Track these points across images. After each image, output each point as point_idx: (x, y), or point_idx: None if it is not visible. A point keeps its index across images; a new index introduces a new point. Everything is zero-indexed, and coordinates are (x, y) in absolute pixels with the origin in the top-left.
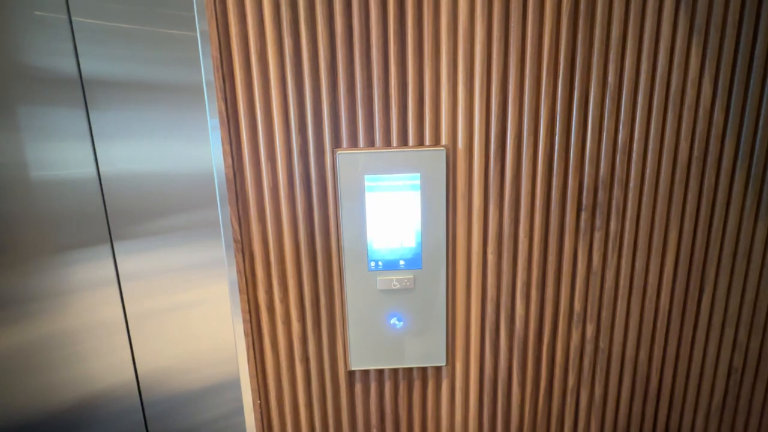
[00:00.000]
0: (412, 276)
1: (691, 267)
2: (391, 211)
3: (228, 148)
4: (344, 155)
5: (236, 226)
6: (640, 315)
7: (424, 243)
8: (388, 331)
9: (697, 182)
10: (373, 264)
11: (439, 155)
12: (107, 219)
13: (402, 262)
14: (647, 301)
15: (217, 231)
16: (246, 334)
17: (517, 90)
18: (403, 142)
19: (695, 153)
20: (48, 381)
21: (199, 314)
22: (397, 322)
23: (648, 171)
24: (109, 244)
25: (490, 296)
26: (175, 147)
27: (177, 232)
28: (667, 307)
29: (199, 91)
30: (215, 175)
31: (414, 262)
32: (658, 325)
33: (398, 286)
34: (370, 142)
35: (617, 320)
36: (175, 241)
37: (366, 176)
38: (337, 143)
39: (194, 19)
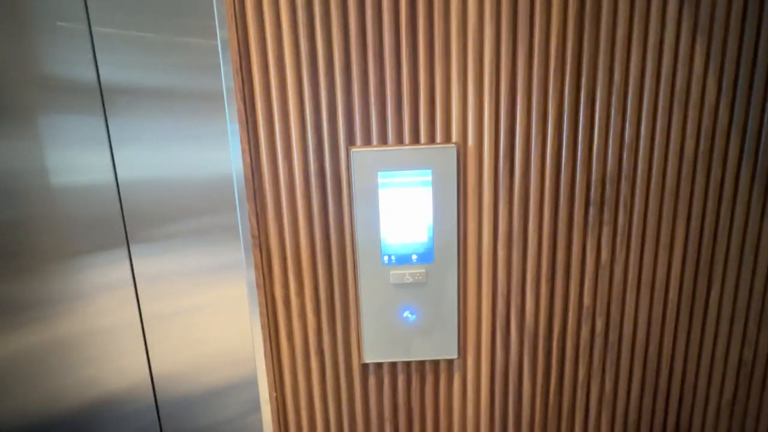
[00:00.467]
0: (424, 270)
1: (699, 260)
2: (404, 206)
3: (246, 147)
4: (358, 152)
5: (254, 223)
6: (649, 309)
7: (435, 238)
8: (401, 324)
9: (703, 177)
10: (386, 258)
11: (450, 152)
12: (124, 223)
13: (414, 257)
14: (656, 295)
15: (232, 235)
16: (263, 327)
17: (525, 89)
18: (415, 139)
19: (701, 149)
20: (64, 383)
21: (214, 316)
22: (409, 316)
23: (654, 166)
24: (125, 248)
25: (500, 290)
26: (192, 152)
27: (193, 235)
28: (675, 301)
29: (216, 96)
30: (234, 174)
31: (426, 257)
32: (668, 318)
33: (411, 280)
34: (383, 140)
35: (626, 314)
36: (190, 245)
37: (379, 173)
38: (351, 141)
39: (214, 27)
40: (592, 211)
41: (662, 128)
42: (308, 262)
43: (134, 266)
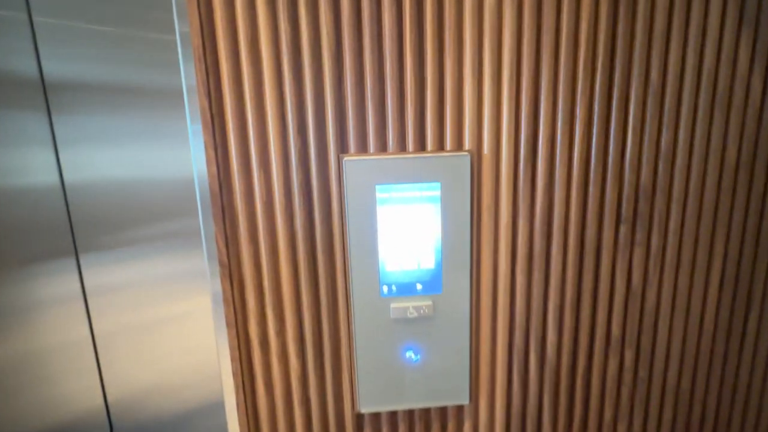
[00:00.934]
0: (430, 302)
1: (737, 284)
2: (407, 226)
3: (212, 154)
4: (352, 162)
5: (223, 248)
6: (682, 339)
7: (444, 263)
8: (403, 366)
9: (744, 190)
10: (385, 289)
11: (463, 161)
12: (72, 230)
13: (419, 286)
14: (690, 323)
15: (194, 241)
16: (235, 375)
17: (550, 87)
18: (421, 146)
19: (743, 158)
20: (4, 409)
21: (176, 332)
22: (413, 356)
23: (693, 178)
24: (74, 257)
25: (518, 322)
26: (149, 152)
27: (150, 242)
28: (711, 330)
29: (176, 93)
30: (197, 187)
31: (433, 286)
32: (702, 348)
33: (415, 314)
34: (382, 147)
35: (658, 346)
36: (147, 253)
37: (377, 186)
38: (343, 148)
39: (172, 19)
40: (623, 229)
41: (702, 135)
42: (291, 294)
43: (84, 277)
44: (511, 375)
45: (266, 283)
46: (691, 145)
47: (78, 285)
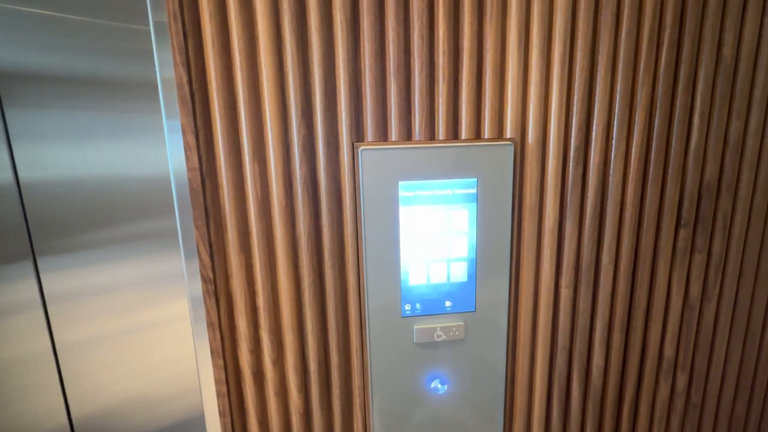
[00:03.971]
0: (461, 322)
1: None
2: (435, 232)
3: (193, 140)
4: (369, 152)
5: (206, 259)
6: (740, 359)
7: (479, 276)
8: (427, 398)
9: None
10: (408, 307)
11: (504, 153)
12: (28, 232)
13: (448, 303)
14: (749, 341)
15: (167, 241)
16: (222, 414)
17: (608, 63)
18: (454, 134)
19: None
20: None
21: (148, 341)
22: (439, 386)
23: (762, 174)
24: (31, 261)
25: (561, 343)
26: (116, 147)
27: (117, 244)
28: None
29: (149, 82)
30: (173, 183)
31: (464, 303)
32: (760, 370)
33: (443, 336)
34: (407, 134)
35: (713, 367)
36: (115, 256)
37: (401, 183)
38: (358, 135)
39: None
40: (682, 233)
41: None
42: (291, 315)
43: (43, 283)
44: (551, 404)
45: (261, 302)
46: (763, 135)
47: (36, 291)
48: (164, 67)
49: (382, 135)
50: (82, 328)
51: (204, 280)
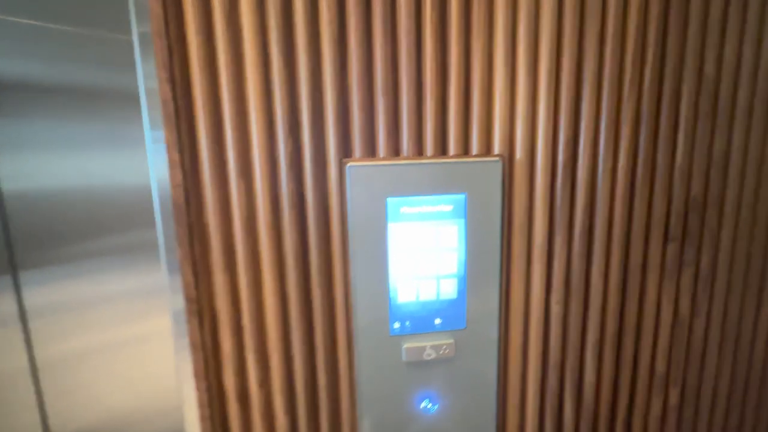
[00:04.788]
0: (452, 339)
1: None
2: (424, 248)
3: (177, 157)
4: (357, 168)
5: (190, 279)
6: (731, 372)
7: (469, 292)
8: (418, 419)
9: None
10: (397, 325)
11: (492, 169)
12: (10, 244)
13: (438, 321)
14: (740, 354)
15: (152, 255)
16: None
17: (594, 80)
18: (442, 150)
19: None
20: None
21: (131, 358)
22: (429, 406)
23: (746, 189)
24: (11, 275)
25: (552, 360)
26: (101, 158)
27: (104, 256)
28: (762, 359)
29: (131, 93)
30: (156, 199)
31: (455, 320)
32: (751, 382)
33: (433, 354)
34: (395, 150)
35: (705, 381)
36: (99, 269)
37: (389, 199)
38: (346, 151)
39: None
40: (671, 249)
41: (757, 140)
42: (278, 336)
43: (23, 298)
44: (543, 422)
45: (246, 322)
46: (746, 151)
47: (15, 306)
48: (148, 78)
49: (370, 151)
50: (63, 343)
51: (187, 299)
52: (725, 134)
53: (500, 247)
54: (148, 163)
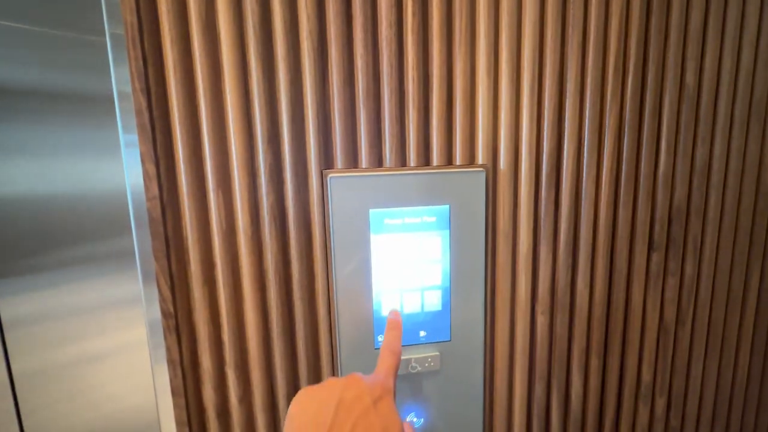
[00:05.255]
0: (437, 352)
1: None
2: (408, 260)
3: (152, 169)
4: (339, 180)
5: (167, 293)
6: (716, 381)
7: (453, 304)
8: None
9: None
10: (381, 338)
11: (476, 179)
12: None
13: (422, 333)
14: (724, 363)
15: (131, 263)
16: None
17: (576, 90)
18: (425, 160)
19: None
20: None
21: (111, 369)
22: (415, 420)
23: (728, 197)
24: None
25: (539, 371)
26: (75, 165)
27: (81, 265)
28: (746, 369)
29: (105, 86)
30: (131, 208)
31: (439, 332)
32: (736, 390)
33: (418, 368)
34: (377, 161)
35: (691, 389)
36: (76, 277)
37: (372, 211)
38: (327, 162)
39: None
40: (655, 257)
41: (738, 148)
42: (259, 351)
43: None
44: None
45: (226, 337)
46: (727, 159)
47: None
48: (121, 82)
49: (352, 162)
50: (39, 356)
51: (164, 314)
52: (707, 143)
53: (485, 258)
54: (124, 170)
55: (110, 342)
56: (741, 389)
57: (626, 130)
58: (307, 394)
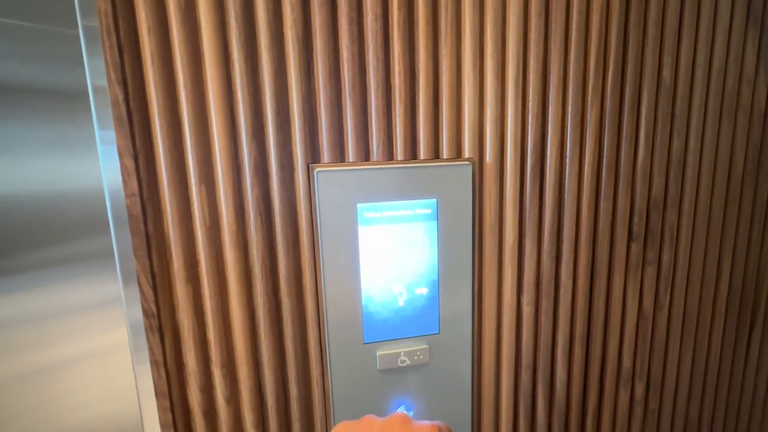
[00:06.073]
0: (426, 345)
1: (742, 299)
2: (395, 254)
3: (131, 164)
4: (326, 174)
5: (149, 292)
6: (691, 363)
7: (441, 297)
8: None
9: (749, 201)
10: (370, 332)
11: (462, 172)
12: None
13: (411, 326)
14: (698, 347)
15: (110, 263)
16: None
17: (559, 85)
18: (412, 154)
19: (749, 166)
20: None
21: (89, 373)
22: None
23: (702, 188)
24: None
25: (525, 360)
26: (49, 162)
27: (55, 266)
28: (718, 350)
29: (78, 92)
30: (109, 207)
31: (428, 325)
32: (709, 371)
33: (407, 361)
34: (364, 155)
35: (668, 372)
36: (53, 278)
37: (359, 205)
38: (314, 156)
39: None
40: (634, 247)
41: (711, 140)
42: (246, 348)
43: None
44: (517, 421)
45: (212, 335)
46: (701, 151)
47: None
48: (95, 75)
49: (339, 156)
50: (14, 361)
51: (146, 314)
52: (683, 136)
53: (472, 251)
54: (100, 166)
55: (89, 345)
56: (714, 369)
57: (607, 123)
58: (345, 428)
